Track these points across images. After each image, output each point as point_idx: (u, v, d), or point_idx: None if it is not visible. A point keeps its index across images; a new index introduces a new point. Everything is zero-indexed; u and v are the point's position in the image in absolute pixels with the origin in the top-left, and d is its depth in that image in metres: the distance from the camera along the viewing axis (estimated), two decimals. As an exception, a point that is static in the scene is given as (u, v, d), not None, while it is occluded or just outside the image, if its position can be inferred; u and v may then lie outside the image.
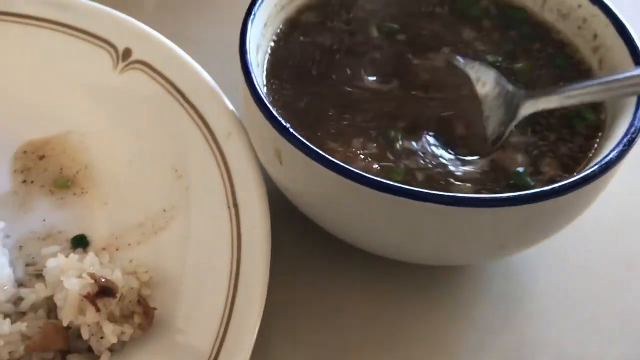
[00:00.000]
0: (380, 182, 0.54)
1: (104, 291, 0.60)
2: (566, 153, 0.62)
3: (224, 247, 0.64)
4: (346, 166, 0.54)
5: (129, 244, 0.68)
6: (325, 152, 0.56)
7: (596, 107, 0.65)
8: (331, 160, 0.55)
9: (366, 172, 0.55)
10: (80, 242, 0.68)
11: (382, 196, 0.54)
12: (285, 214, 0.66)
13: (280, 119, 0.57)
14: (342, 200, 0.57)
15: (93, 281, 0.60)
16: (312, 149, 0.56)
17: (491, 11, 0.73)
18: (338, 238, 0.65)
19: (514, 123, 0.63)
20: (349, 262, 0.68)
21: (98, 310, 0.59)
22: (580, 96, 0.62)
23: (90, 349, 0.62)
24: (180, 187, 0.71)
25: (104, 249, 0.68)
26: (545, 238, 0.62)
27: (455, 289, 0.69)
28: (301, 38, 0.69)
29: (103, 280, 0.60)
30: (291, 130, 0.57)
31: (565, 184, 0.55)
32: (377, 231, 0.59)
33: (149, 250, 0.68)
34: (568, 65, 0.69)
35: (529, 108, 0.63)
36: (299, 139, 0.56)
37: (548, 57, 0.69)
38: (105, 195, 0.72)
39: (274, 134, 0.58)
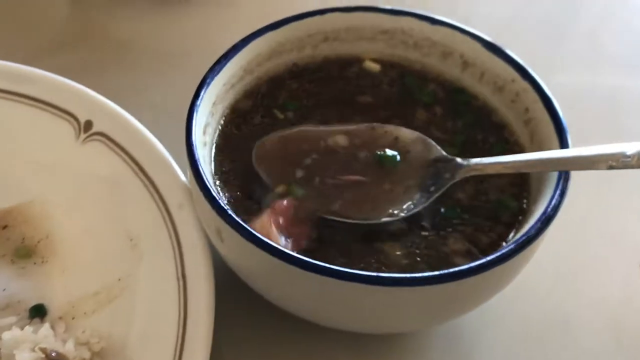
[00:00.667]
0: (306, 261, 0.57)
1: (54, 364, 0.63)
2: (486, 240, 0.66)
3: (172, 316, 0.67)
4: (277, 246, 0.58)
5: (85, 312, 0.71)
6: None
7: (518, 195, 0.69)
8: (264, 241, 0.58)
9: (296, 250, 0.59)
10: (38, 311, 0.71)
11: (309, 275, 0.57)
12: (231, 284, 0.69)
13: (220, 201, 0.61)
14: (277, 277, 0.61)
15: (44, 355, 0.63)
16: (247, 230, 0.59)
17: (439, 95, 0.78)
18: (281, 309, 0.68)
19: (441, 191, 0.66)
20: (292, 330, 0.71)
21: (48, 383, 0.63)
22: (505, 168, 0.66)
23: (41, 421, 0.65)
24: (135, 256, 0.74)
25: (60, 318, 0.71)
26: (476, 307, 0.66)
27: (400, 353, 0.72)
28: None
29: (53, 354, 0.63)
30: (229, 212, 0.60)
31: (486, 261, 0.58)
32: (311, 304, 0.63)
33: (103, 318, 0.71)
34: (506, 151, 0.72)
35: (460, 174, 0.67)
36: (235, 220, 0.60)
37: (490, 147, 0.73)
38: (63, 264, 0.75)
39: (214, 214, 0.61)
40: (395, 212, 0.66)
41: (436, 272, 0.57)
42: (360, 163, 0.68)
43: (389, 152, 0.69)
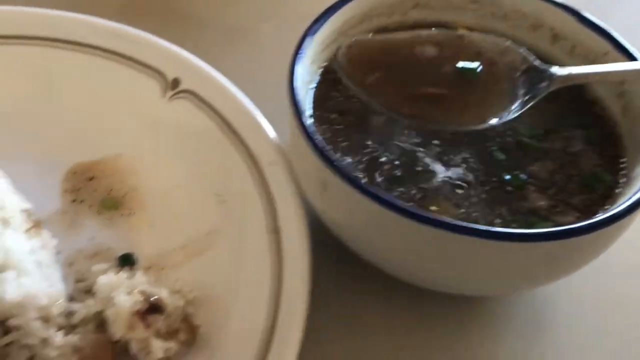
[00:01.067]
0: (418, 214, 0.57)
1: (152, 308, 0.64)
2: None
3: (264, 270, 0.68)
4: (388, 198, 0.58)
5: (173, 264, 0.72)
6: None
7: (613, 169, 0.68)
8: (374, 192, 0.58)
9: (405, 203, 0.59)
10: (127, 260, 0.72)
11: (421, 227, 0.57)
12: (323, 242, 0.69)
13: (326, 150, 0.61)
14: (382, 230, 0.61)
15: (143, 298, 0.64)
16: (356, 180, 0.59)
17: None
18: (376, 267, 0.68)
19: (537, 98, 0.66)
20: (382, 289, 0.71)
21: (147, 326, 0.63)
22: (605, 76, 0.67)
23: (134, 364, 0.65)
24: (222, 211, 0.74)
25: (149, 268, 0.72)
26: (571, 273, 0.66)
27: (482, 318, 0.72)
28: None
29: (152, 297, 0.64)
30: (336, 162, 0.61)
31: (594, 222, 0.58)
32: (412, 260, 0.63)
33: (192, 270, 0.71)
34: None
35: (556, 82, 0.67)
36: (343, 170, 0.60)
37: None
38: (150, 217, 0.76)
39: (320, 164, 0.61)
40: (486, 118, 0.66)
41: (553, 229, 0.57)
42: (443, 75, 0.68)
43: (469, 64, 0.68)
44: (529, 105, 0.66)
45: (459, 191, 0.65)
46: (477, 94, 0.67)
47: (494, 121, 0.66)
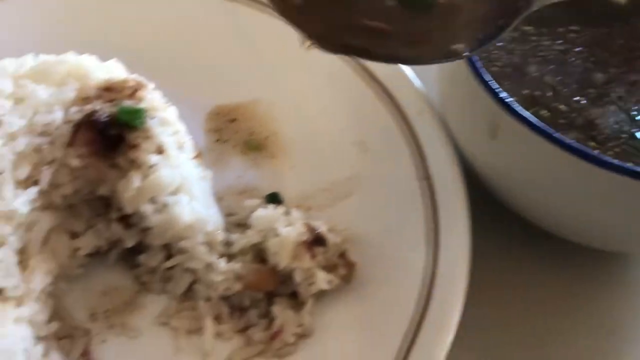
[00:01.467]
0: (603, 159, 0.57)
1: (316, 240, 0.65)
2: None
3: (418, 216, 0.69)
4: (571, 142, 0.58)
5: (319, 206, 0.73)
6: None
7: None
8: (556, 135, 0.58)
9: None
10: (275, 199, 0.73)
11: (600, 173, 0.57)
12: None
13: (501, 92, 0.61)
14: (558, 176, 0.61)
15: (307, 230, 0.65)
16: (536, 122, 0.59)
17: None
18: (531, 222, 0.69)
19: (515, 22, 0.59)
20: (539, 246, 0.72)
21: (313, 257, 0.64)
22: None
23: (291, 295, 0.66)
24: (365, 158, 0.75)
25: (297, 207, 0.72)
26: None
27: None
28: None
29: (317, 230, 0.65)
30: (513, 104, 0.61)
31: None
32: (580, 210, 0.63)
33: (340, 213, 0.72)
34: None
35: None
36: (520, 112, 0.60)
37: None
38: (292, 161, 0.77)
39: (492, 107, 0.62)
40: (451, 50, 0.58)
41: None
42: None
43: None
44: (509, 29, 0.59)
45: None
46: (434, 22, 0.58)
47: (465, 52, 0.58)
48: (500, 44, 0.70)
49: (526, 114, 0.60)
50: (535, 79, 0.68)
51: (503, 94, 0.61)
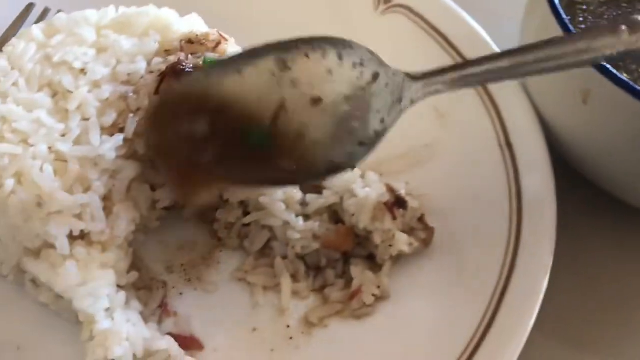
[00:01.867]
0: None
1: (398, 202, 0.64)
2: None
3: (499, 184, 0.67)
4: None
5: (393, 172, 0.71)
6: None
7: None
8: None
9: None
10: (347, 164, 0.72)
11: None
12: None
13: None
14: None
15: (388, 191, 0.64)
16: (635, 88, 0.57)
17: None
18: (616, 196, 0.67)
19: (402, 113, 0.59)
20: (625, 220, 0.70)
21: (394, 218, 0.63)
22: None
23: (368, 257, 0.65)
24: (442, 124, 0.73)
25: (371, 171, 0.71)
26: None
27: None
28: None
29: (398, 192, 0.64)
30: (608, 67, 0.59)
31: None
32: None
33: (412, 179, 0.71)
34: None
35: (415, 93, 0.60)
36: (617, 75, 0.58)
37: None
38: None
39: (585, 70, 0.60)
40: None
41: None
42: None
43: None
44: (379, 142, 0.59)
45: None
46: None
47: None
48: (585, 6, 0.69)
49: (621, 76, 0.59)
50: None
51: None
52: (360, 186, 0.65)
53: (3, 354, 0.62)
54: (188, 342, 0.61)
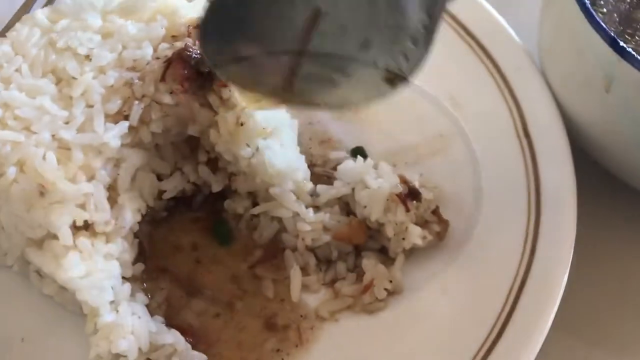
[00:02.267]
0: None
1: (411, 193, 0.61)
2: None
3: (517, 173, 0.65)
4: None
5: (405, 163, 0.70)
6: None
7: None
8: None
9: None
10: (359, 152, 0.69)
11: None
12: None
13: (621, 40, 0.57)
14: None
15: (399, 182, 0.62)
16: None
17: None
18: (635, 189, 0.65)
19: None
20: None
21: (408, 210, 0.61)
22: None
23: (380, 250, 0.64)
24: (458, 114, 0.71)
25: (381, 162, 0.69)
26: None
27: None
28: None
29: (412, 184, 0.62)
30: (633, 53, 0.57)
31: None
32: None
33: (426, 170, 0.69)
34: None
35: None
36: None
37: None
38: (379, 115, 0.73)
39: (610, 58, 0.57)
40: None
41: None
42: None
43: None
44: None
45: None
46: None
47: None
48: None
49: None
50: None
51: (621, 45, 0.57)
52: (373, 177, 0.63)
53: (7, 346, 0.61)
54: (195, 337, 0.60)
